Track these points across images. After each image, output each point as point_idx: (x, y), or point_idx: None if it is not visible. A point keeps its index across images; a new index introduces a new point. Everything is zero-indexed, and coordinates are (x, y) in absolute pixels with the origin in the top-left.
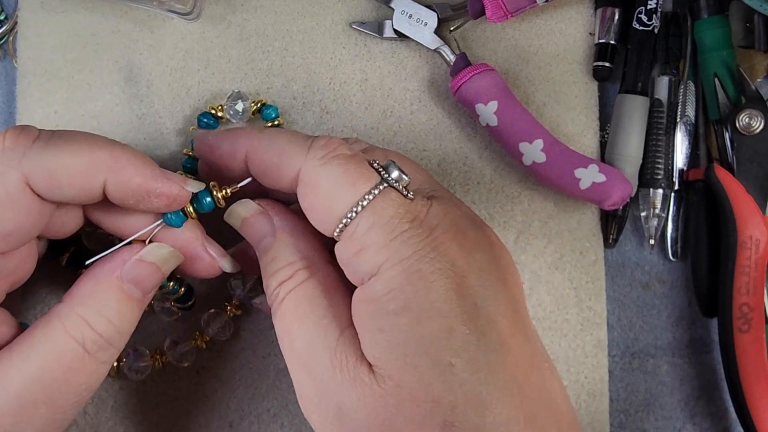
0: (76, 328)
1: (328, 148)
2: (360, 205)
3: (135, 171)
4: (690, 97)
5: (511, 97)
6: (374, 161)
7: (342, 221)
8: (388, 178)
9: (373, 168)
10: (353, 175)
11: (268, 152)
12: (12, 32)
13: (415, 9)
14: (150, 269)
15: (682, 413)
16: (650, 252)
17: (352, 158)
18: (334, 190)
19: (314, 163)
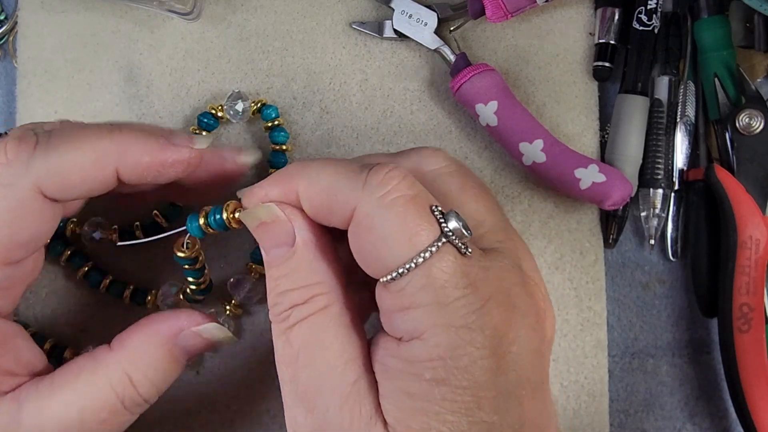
0: (121, 384)
1: (388, 185)
2: (414, 262)
3: (142, 149)
4: (690, 97)
5: (511, 97)
6: (435, 207)
7: (393, 273)
8: (447, 232)
9: (434, 216)
10: (412, 225)
11: (317, 191)
12: (12, 32)
13: (415, 9)
14: (204, 344)
15: (682, 413)
16: (650, 252)
17: (413, 202)
18: (389, 239)
19: (372, 203)
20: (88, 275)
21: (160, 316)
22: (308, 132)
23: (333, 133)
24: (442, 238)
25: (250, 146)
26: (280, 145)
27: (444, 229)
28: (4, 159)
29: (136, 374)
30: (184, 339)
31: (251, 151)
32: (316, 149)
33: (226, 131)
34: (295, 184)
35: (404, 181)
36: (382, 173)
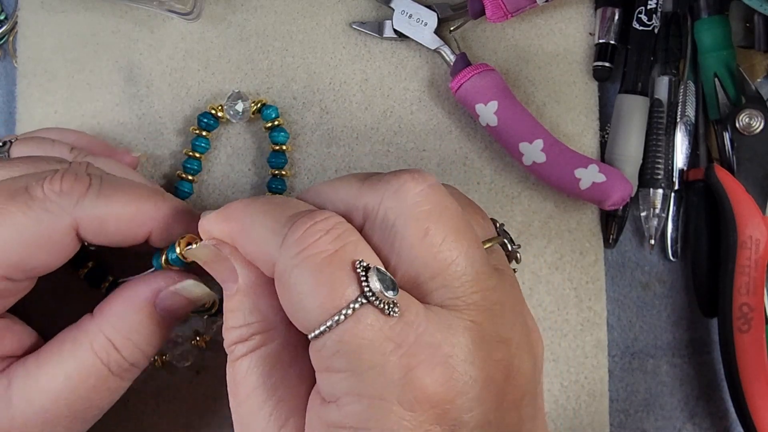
0: (104, 349)
1: (303, 244)
2: (328, 325)
3: (176, 221)
4: (690, 97)
5: (511, 97)
6: (359, 264)
7: (312, 333)
8: (367, 293)
9: (356, 273)
10: (324, 287)
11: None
12: (12, 32)
13: (415, 9)
14: (184, 302)
15: (682, 413)
16: (650, 252)
17: (329, 261)
18: (304, 300)
19: (286, 261)
20: (89, 275)
21: (138, 279)
22: (308, 132)
23: (333, 133)
24: (360, 299)
25: (250, 147)
26: (280, 145)
27: (364, 290)
28: (58, 189)
29: (118, 338)
30: (163, 299)
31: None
32: (316, 149)
33: (226, 131)
34: (231, 227)
35: (327, 236)
36: (301, 229)
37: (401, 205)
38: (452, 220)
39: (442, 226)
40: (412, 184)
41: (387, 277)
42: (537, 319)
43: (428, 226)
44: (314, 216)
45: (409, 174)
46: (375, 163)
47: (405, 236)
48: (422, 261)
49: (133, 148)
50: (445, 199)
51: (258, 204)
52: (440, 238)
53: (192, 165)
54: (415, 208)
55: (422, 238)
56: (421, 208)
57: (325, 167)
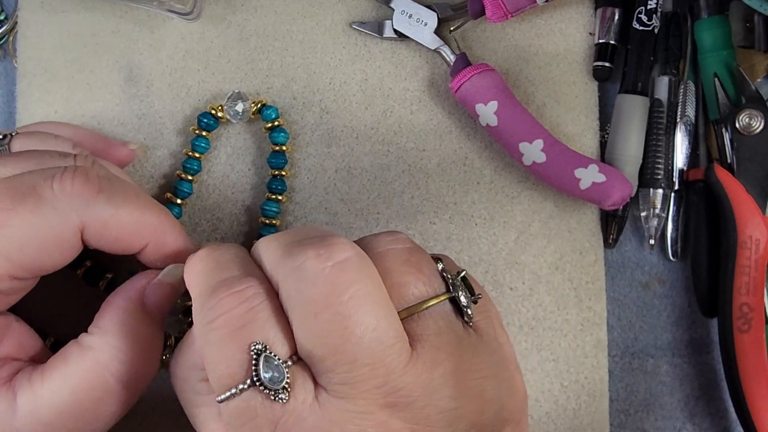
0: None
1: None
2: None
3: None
4: (690, 97)
5: (511, 97)
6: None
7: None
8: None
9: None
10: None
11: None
12: (12, 32)
13: (415, 9)
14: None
15: (682, 413)
16: (650, 252)
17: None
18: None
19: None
20: (88, 273)
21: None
22: (308, 132)
23: (333, 133)
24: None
25: (250, 147)
26: (280, 146)
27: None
28: (69, 189)
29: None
30: (151, 294)
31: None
32: (316, 149)
33: (226, 131)
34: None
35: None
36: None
37: (297, 285)
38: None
39: (334, 310)
40: (312, 262)
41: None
42: (537, 319)
43: (318, 309)
44: (233, 285)
45: (314, 251)
46: (375, 163)
47: (297, 317)
48: (311, 344)
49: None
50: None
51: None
52: (329, 323)
53: (192, 165)
54: (309, 291)
55: (312, 321)
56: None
57: (325, 167)
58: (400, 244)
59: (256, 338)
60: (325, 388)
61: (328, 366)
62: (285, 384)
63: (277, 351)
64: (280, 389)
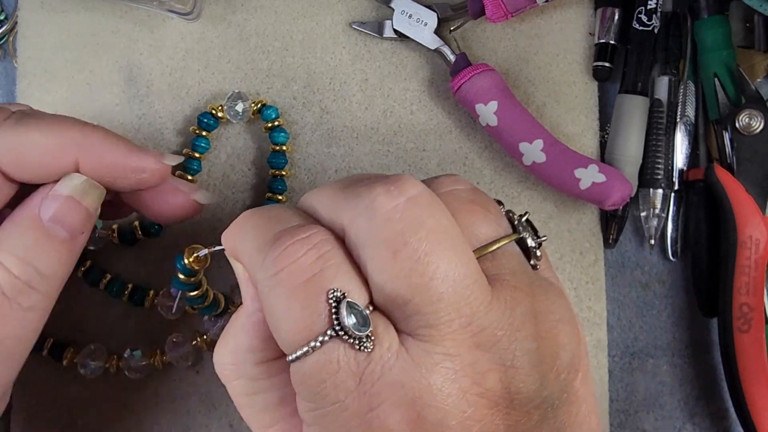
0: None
1: (280, 264)
2: (296, 354)
3: (107, 148)
4: (690, 97)
5: (511, 97)
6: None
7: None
8: (337, 328)
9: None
10: (296, 316)
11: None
12: (12, 32)
13: (415, 9)
14: (69, 205)
15: (682, 413)
16: (650, 252)
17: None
18: (278, 324)
19: (264, 282)
20: (87, 274)
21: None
22: (308, 132)
23: (333, 133)
24: (329, 333)
25: (250, 147)
26: (280, 146)
27: (334, 324)
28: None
29: (5, 258)
30: (45, 207)
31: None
32: (316, 149)
33: (226, 131)
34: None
35: (305, 257)
36: (280, 248)
37: (370, 224)
38: (428, 238)
39: (413, 247)
40: (383, 199)
41: (359, 311)
42: None
43: (397, 248)
44: (296, 233)
45: (384, 187)
46: (375, 163)
47: (374, 259)
48: (392, 286)
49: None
50: (423, 213)
51: (253, 218)
52: (411, 261)
53: (192, 165)
54: (385, 229)
55: (391, 262)
56: (392, 228)
57: (325, 167)
58: (462, 185)
59: (331, 285)
60: (410, 334)
61: (414, 308)
62: (369, 332)
63: (356, 298)
64: (365, 337)
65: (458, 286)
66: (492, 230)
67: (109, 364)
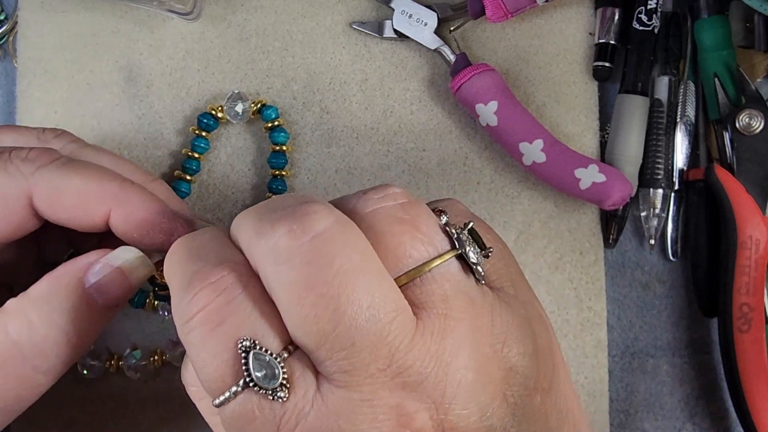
0: (17, 328)
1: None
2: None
3: (141, 205)
4: (690, 97)
5: (511, 97)
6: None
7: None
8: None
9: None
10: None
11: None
12: (12, 32)
13: (415, 9)
14: (116, 276)
15: (682, 413)
16: (650, 252)
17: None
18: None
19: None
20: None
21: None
22: (308, 132)
23: (333, 133)
24: (242, 384)
25: (250, 147)
26: (280, 146)
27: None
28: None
29: (35, 316)
30: (94, 274)
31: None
32: (316, 149)
33: (226, 131)
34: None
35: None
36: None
37: (274, 269)
38: (338, 277)
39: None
40: (285, 241)
41: (266, 362)
42: None
43: (301, 293)
44: (207, 276)
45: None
46: (375, 163)
47: (281, 304)
48: (301, 332)
49: (134, 148)
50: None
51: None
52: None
53: (191, 165)
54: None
55: (297, 307)
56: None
57: (325, 167)
58: (390, 200)
59: (241, 333)
60: (327, 378)
61: (324, 355)
62: (282, 380)
63: (267, 344)
64: (278, 387)
65: (373, 327)
66: (423, 251)
67: (109, 364)
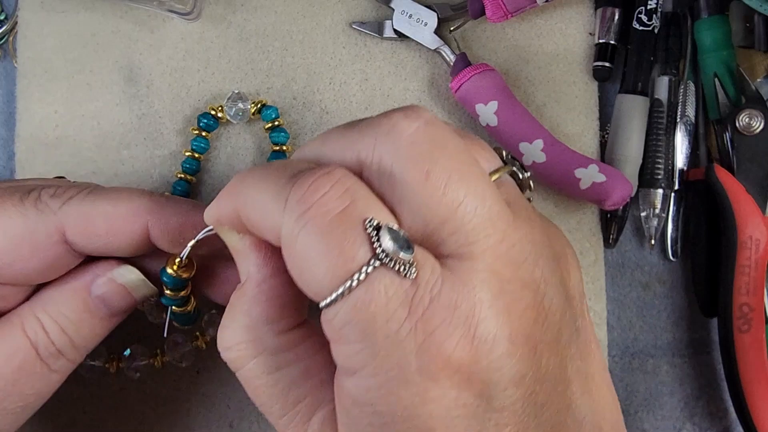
0: (32, 329)
1: (307, 203)
2: (339, 292)
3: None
4: (690, 97)
5: (511, 97)
6: (368, 223)
7: (324, 301)
8: (380, 255)
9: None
10: (335, 250)
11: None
12: (12, 32)
13: (415, 9)
14: (119, 290)
15: (682, 413)
16: (650, 252)
17: (338, 220)
18: (311, 266)
19: (291, 224)
20: None
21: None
22: (308, 132)
23: None
24: (373, 262)
25: (250, 147)
26: (281, 146)
27: (377, 251)
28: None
29: (46, 319)
30: (98, 287)
31: None
32: None
33: (226, 131)
34: (233, 203)
35: (332, 192)
36: (304, 187)
37: (396, 147)
38: (454, 157)
39: (443, 166)
40: (405, 123)
41: (400, 235)
42: None
43: (428, 167)
44: (316, 172)
45: (401, 112)
46: None
47: (405, 182)
48: (428, 207)
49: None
50: (444, 135)
51: (256, 171)
52: (444, 179)
53: (191, 165)
54: (412, 150)
55: (424, 182)
56: (418, 149)
57: None
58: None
59: (366, 215)
60: (450, 255)
61: (452, 226)
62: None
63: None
64: (409, 262)
65: (489, 202)
66: (488, 162)
67: (109, 364)
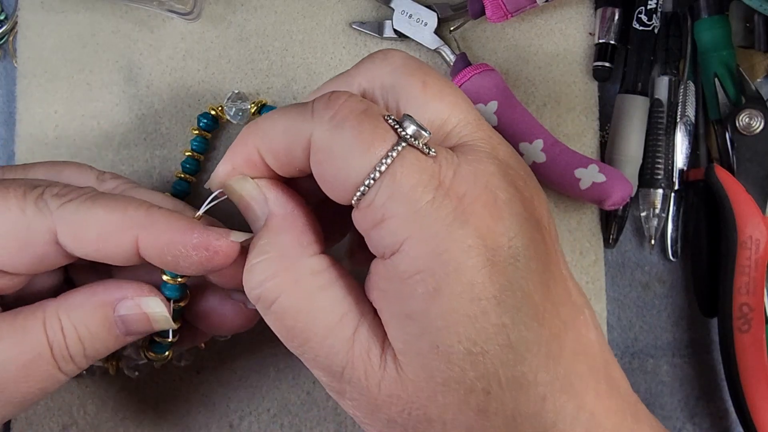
0: (52, 328)
1: (335, 106)
2: (377, 170)
3: (167, 225)
4: (690, 97)
5: (511, 97)
6: (388, 117)
7: (359, 189)
8: (405, 136)
9: (389, 124)
10: (368, 136)
11: (273, 139)
12: (12, 32)
13: (415, 9)
14: (142, 318)
15: (682, 413)
16: (650, 252)
17: (364, 115)
18: (347, 156)
19: (323, 127)
20: None
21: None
22: None
23: None
24: (401, 143)
25: None
26: None
27: (401, 134)
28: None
29: (67, 324)
30: (123, 307)
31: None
32: None
33: (226, 131)
34: (253, 142)
35: (351, 99)
36: (326, 98)
37: (393, 68)
38: (436, 72)
39: (435, 77)
40: (392, 53)
41: (416, 121)
42: None
43: (424, 78)
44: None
45: (383, 50)
46: None
47: (408, 90)
48: (431, 107)
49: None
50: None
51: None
52: (438, 86)
53: (191, 165)
54: (407, 68)
55: (424, 88)
56: (411, 67)
57: None
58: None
59: (383, 113)
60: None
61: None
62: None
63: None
64: (429, 144)
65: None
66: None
67: (109, 364)
